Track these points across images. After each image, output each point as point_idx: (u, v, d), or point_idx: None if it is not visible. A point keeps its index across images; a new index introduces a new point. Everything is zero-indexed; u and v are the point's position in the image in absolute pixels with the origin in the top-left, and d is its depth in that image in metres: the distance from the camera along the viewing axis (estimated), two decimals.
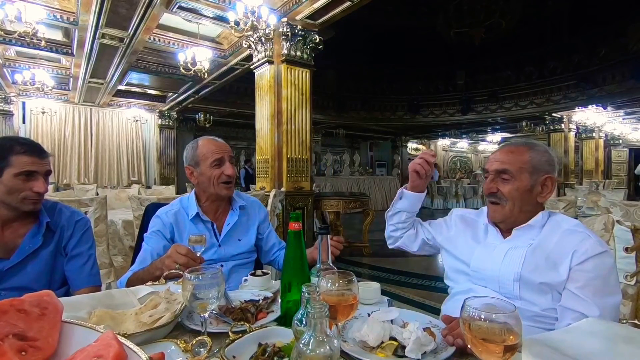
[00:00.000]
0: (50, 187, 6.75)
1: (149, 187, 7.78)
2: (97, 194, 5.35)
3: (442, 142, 16.21)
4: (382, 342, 0.80)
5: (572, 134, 11.07)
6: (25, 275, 1.22)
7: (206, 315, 0.81)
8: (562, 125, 10.77)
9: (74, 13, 4.66)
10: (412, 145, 15.55)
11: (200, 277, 0.80)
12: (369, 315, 0.91)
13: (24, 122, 8.24)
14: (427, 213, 11.44)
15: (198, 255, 1.15)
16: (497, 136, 14.97)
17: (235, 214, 1.54)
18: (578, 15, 8.21)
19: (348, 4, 3.99)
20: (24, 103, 8.22)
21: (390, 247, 1.46)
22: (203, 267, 0.93)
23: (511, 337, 0.56)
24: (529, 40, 9.17)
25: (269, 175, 4.57)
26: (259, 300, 1.05)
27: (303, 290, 0.55)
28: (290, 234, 0.93)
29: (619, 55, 7.90)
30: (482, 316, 0.57)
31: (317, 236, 1.01)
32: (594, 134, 12.15)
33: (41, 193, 1.21)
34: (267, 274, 1.24)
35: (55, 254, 1.30)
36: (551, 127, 10.93)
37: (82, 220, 1.37)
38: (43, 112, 8.34)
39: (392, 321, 0.91)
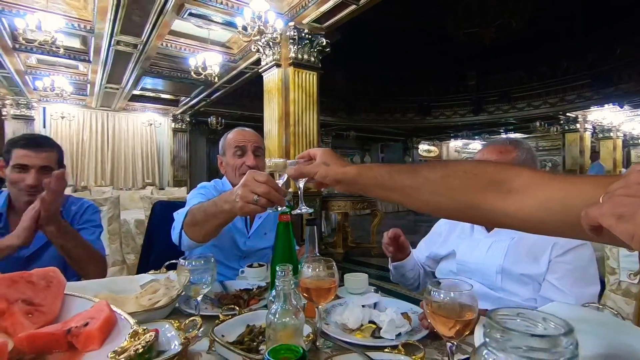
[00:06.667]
0: (69, 189, 7.04)
1: (162, 189, 7.97)
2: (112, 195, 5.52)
3: (454, 144, 16.03)
4: (362, 325, 0.86)
5: (587, 134, 10.82)
6: (42, 263, 1.31)
7: (199, 299, 0.88)
8: (577, 125, 10.56)
9: (90, 21, 4.86)
10: (423, 146, 15.45)
11: (194, 263, 0.88)
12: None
13: (44, 126, 8.58)
14: (427, 215, 11.31)
15: (280, 185, 0.94)
16: (510, 136, 14.74)
17: None
18: (592, 15, 8.06)
19: (353, 7, 4.06)
20: (44, 108, 8.57)
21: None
22: (197, 257, 0.91)
23: (468, 313, 0.61)
24: (541, 40, 9.03)
25: None
26: (253, 289, 1.12)
27: (277, 269, 0.61)
28: (280, 226, 0.99)
29: (635, 53, 7.74)
30: (441, 295, 0.62)
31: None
32: (611, 134, 11.82)
33: (32, 186, 1.24)
34: (262, 265, 1.31)
35: None
36: (566, 127, 10.73)
37: (92, 206, 1.46)
38: (62, 117, 8.68)
39: (375, 307, 0.97)
